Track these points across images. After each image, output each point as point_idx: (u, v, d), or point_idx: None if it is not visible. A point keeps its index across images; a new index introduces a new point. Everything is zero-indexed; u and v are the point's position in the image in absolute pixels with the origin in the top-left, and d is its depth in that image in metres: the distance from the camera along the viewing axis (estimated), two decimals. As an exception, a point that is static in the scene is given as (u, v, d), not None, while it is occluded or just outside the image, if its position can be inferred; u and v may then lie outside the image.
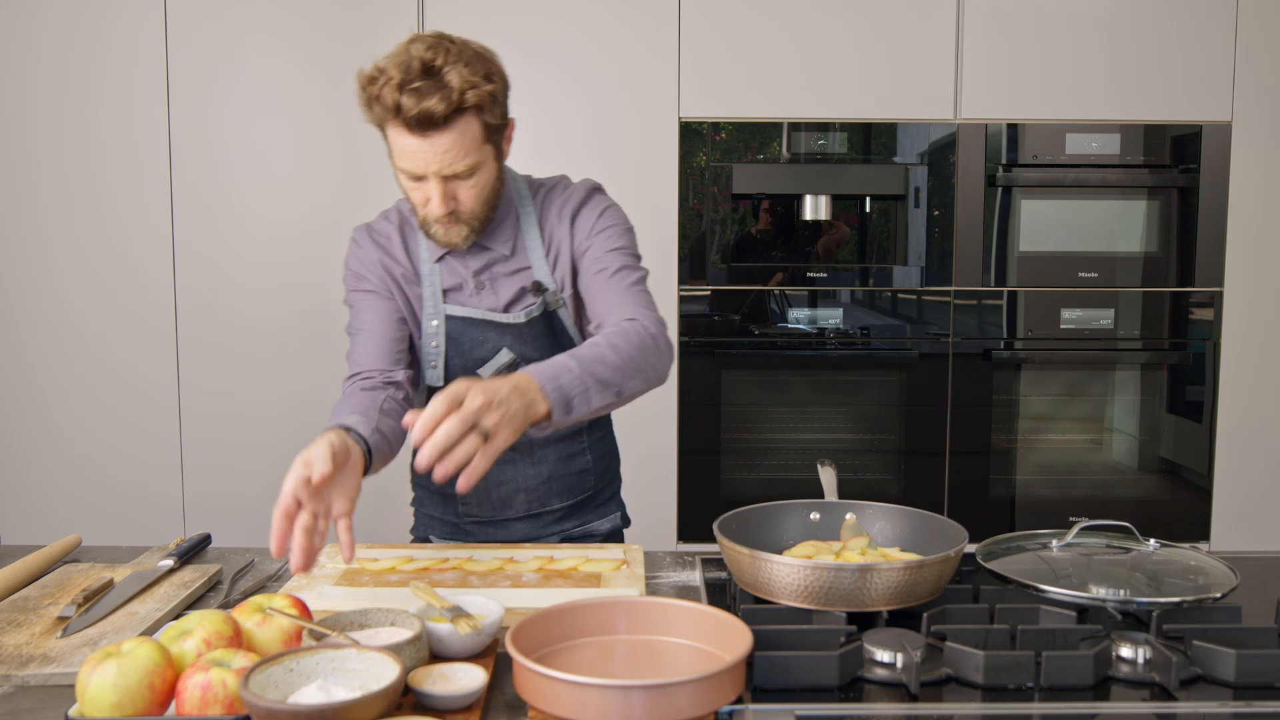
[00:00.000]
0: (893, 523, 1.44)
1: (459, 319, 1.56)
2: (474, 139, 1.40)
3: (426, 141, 1.37)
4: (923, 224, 2.81)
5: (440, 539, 1.71)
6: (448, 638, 1.13)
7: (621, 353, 1.36)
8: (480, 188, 1.45)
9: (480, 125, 1.40)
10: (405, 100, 1.34)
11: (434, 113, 1.35)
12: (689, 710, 0.98)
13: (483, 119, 1.40)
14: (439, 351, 1.57)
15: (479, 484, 1.42)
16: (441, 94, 1.34)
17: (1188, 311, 2.85)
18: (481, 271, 1.56)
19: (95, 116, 2.73)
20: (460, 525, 1.68)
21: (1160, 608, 1.20)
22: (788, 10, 2.75)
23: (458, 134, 1.38)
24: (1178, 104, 2.79)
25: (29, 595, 1.36)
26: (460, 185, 1.43)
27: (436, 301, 1.56)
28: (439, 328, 1.56)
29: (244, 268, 2.76)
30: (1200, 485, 2.89)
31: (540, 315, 1.56)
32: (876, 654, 1.14)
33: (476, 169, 1.43)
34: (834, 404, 2.90)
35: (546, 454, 1.64)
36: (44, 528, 2.78)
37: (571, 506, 1.68)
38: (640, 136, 2.76)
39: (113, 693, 0.96)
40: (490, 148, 1.45)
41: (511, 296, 1.56)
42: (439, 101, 1.34)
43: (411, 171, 1.42)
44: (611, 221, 1.57)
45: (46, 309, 2.78)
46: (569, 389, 1.27)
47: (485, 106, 1.39)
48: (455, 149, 1.39)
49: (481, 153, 1.42)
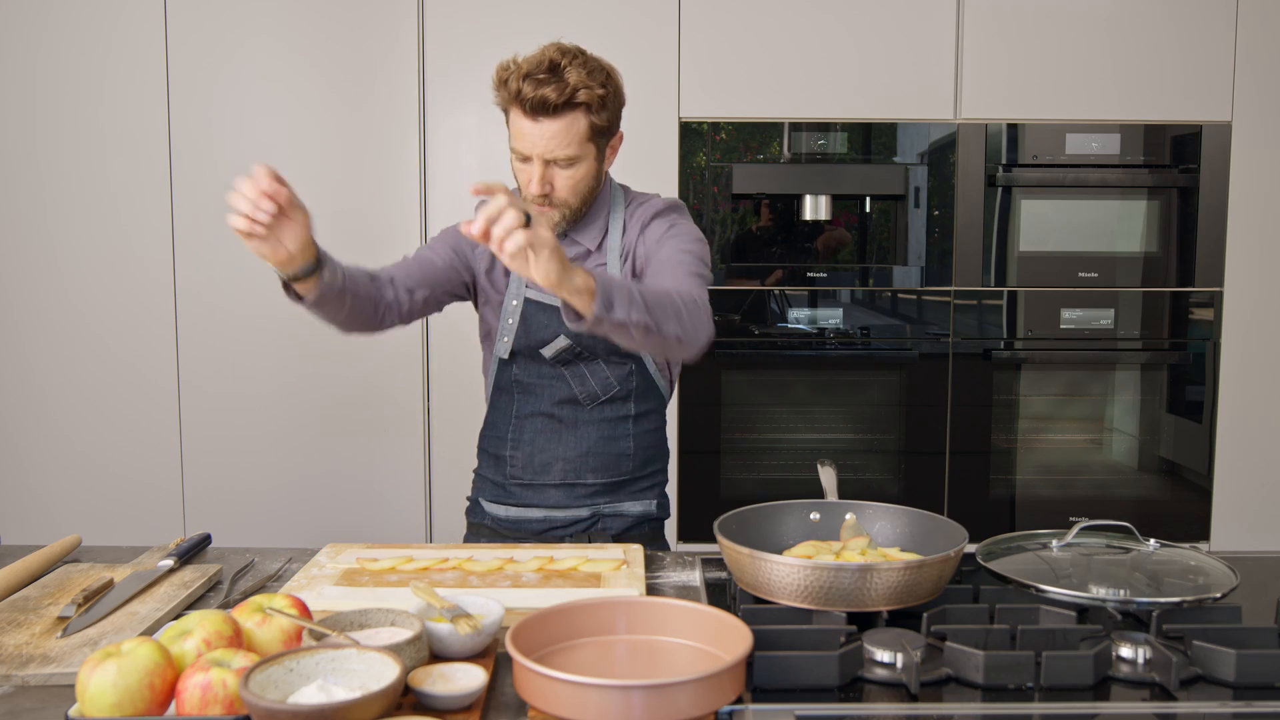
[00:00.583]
0: (893, 523, 1.44)
1: (535, 303, 1.71)
2: (579, 133, 1.57)
3: (537, 126, 1.56)
4: (923, 224, 2.81)
5: (488, 500, 1.83)
6: (448, 638, 1.13)
7: (666, 294, 1.44)
8: (576, 180, 1.61)
9: (587, 123, 1.58)
10: (526, 87, 1.54)
11: (548, 99, 1.53)
12: (689, 710, 0.98)
13: (590, 118, 1.58)
14: (512, 328, 1.73)
15: (526, 448, 1.74)
16: (557, 85, 1.53)
17: (1188, 311, 2.85)
18: None
19: (95, 116, 2.74)
20: (506, 486, 1.80)
21: (1160, 608, 1.20)
22: (788, 10, 2.75)
23: (565, 124, 1.56)
24: (1178, 104, 2.79)
25: (29, 595, 1.36)
26: (559, 173, 1.60)
27: (520, 284, 1.72)
28: (518, 307, 1.72)
29: (244, 268, 2.76)
30: (1200, 485, 2.89)
31: None
32: (876, 654, 1.14)
33: (576, 161, 1.59)
34: (834, 404, 2.90)
35: (589, 430, 1.77)
36: (44, 528, 2.78)
37: (606, 485, 1.78)
38: (640, 136, 2.76)
39: (113, 693, 0.96)
40: (593, 146, 1.61)
41: None
42: (554, 90, 1.53)
43: (521, 152, 1.59)
44: (683, 232, 1.69)
45: (46, 309, 2.78)
46: (610, 285, 1.35)
47: (594, 106, 1.57)
48: (560, 137, 1.56)
49: (583, 148, 1.59)
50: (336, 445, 2.82)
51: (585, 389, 1.75)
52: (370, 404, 2.81)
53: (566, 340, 1.70)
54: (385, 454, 2.81)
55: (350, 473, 2.83)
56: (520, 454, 1.79)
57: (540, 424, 1.77)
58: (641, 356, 1.76)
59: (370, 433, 2.81)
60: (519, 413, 1.78)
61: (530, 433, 1.78)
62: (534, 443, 1.77)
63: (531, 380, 1.76)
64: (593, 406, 1.76)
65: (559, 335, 1.70)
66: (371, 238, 2.74)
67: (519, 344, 1.73)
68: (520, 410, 1.78)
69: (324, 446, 2.82)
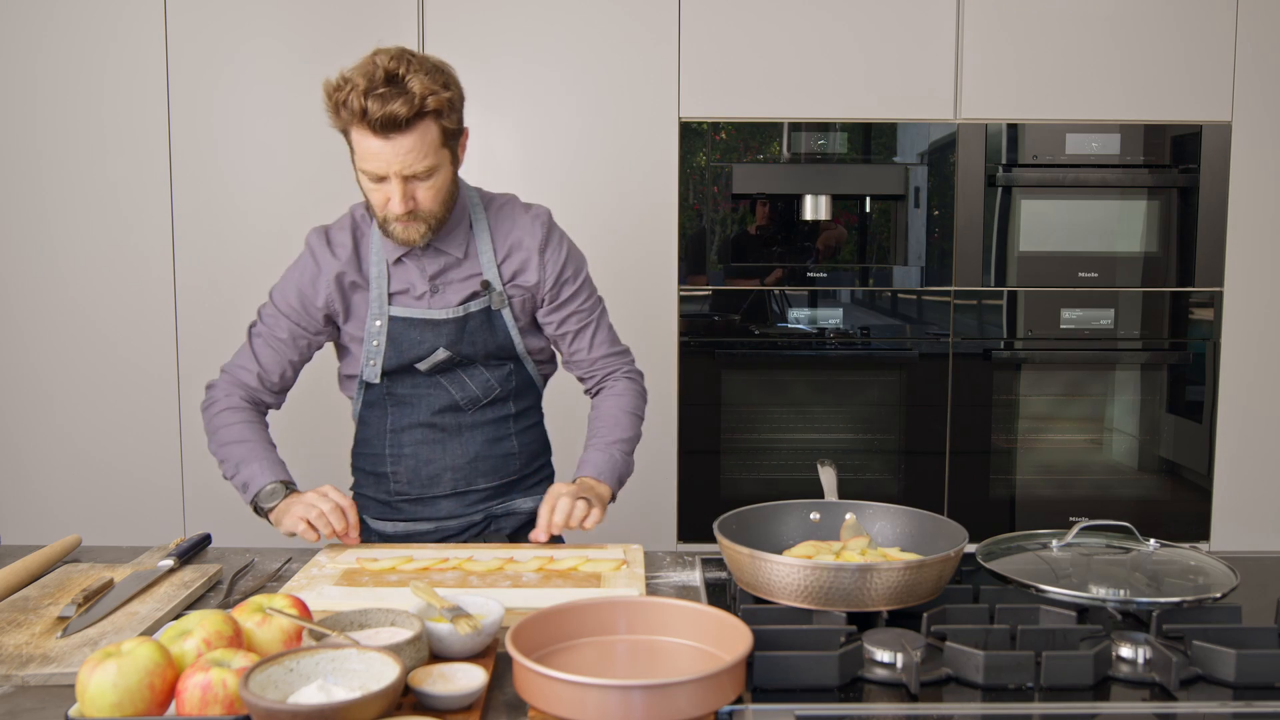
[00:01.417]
0: (893, 523, 1.44)
1: (401, 319, 1.66)
2: (433, 142, 1.51)
3: (389, 143, 1.48)
4: (923, 224, 2.81)
5: (373, 518, 1.79)
6: (448, 638, 1.13)
7: (639, 417, 1.78)
8: (438, 189, 1.56)
9: (439, 129, 1.52)
10: (371, 105, 1.45)
11: (398, 115, 1.46)
12: (689, 710, 0.98)
13: (441, 124, 1.51)
14: (379, 350, 1.67)
15: (409, 462, 1.72)
16: (404, 99, 1.46)
17: (1188, 311, 2.85)
18: (437, 275, 1.66)
19: (96, 115, 2.73)
20: (392, 503, 1.77)
21: (1160, 608, 1.20)
22: (788, 10, 2.75)
23: (418, 136, 1.49)
24: (1178, 104, 2.79)
25: (29, 595, 1.36)
26: (419, 185, 1.54)
27: (382, 303, 1.66)
28: (382, 327, 1.67)
29: (244, 265, 2.76)
30: (1200, 485, 2.89)
31: (481, 312, 1.67)
32: (876, 654, 1.14)
33: (435, 170, 1.53)
34: (834, 404, 2.90)
35: (474, 436, 1.74)
36: (44, 528, 2.78)
37: (497, 488, 1.77)
38: (640, 136, 2.76)
39: (113, 693, 0.96)
40: (447, 152, 1.55)
41: (462, 298, 1.67)
42: (402, 105, 1.45)
43: (374, 172, 1.52)
44: (577, 260, 1.74)
45: (47, 307, 2.78)
46: (624, 474, 1.72)
47: (444, 111, 1.51)
48: (416, 150, 1.49)
49: (439, 156, 1.53)
50: (336, 446, 2.81)
51: (466, 393, 1.71)
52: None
53: (446, 353, 1.67)
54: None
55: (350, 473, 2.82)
56: (403, 468, 1.73)
57: (421, 435, 1.72)
58: (521, 357, 1.74)
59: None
60: (394, 426, 1.73)
61: (411, 445, 1.73)
62: (417, 455, 1.73)
63: (405, 392, 1.71)
64: (474, 411, 1.72)
65: (436, 349, 1.66)
66: (371, 238, 2.74)
67: (389, 363, 1.67)
68: (396, 424, 1.73)
69: (324, 447, 2.82)
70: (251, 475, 1.60)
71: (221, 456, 1.65)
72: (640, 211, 2.75)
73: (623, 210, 2.76)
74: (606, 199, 2.76)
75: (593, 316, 1.76)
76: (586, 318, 1.75)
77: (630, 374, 1.81)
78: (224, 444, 1.65)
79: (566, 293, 1.72)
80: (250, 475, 1.60)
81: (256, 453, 1.63)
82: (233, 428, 1.66)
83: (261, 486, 1.59)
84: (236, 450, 1.64)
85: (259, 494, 1.58)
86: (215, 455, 1.67)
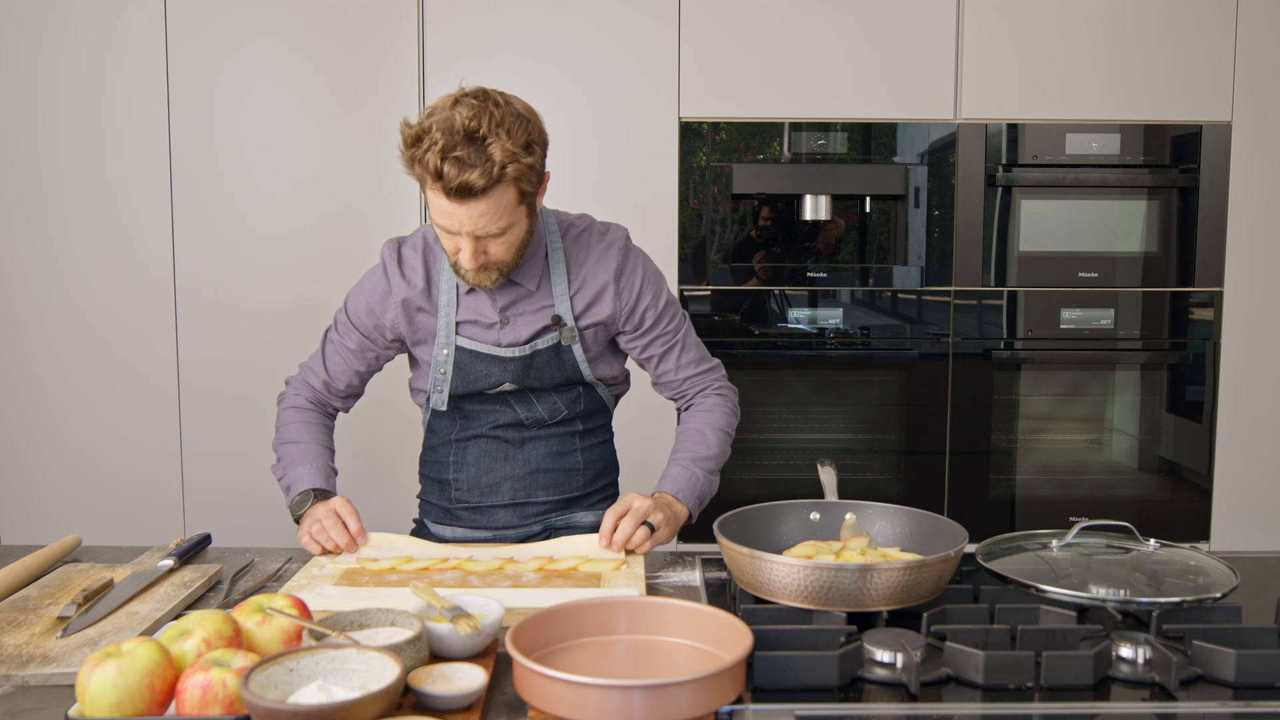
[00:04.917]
0: (893, 523, 1.44)
1: (466, 351, 1.64)
2: (508, 204, 1.44)
3: (463, 207, 1.41)
4: (923, 224, 2.81)
5: (434, 523, 1.79)
6: (448, 638, 1.13)
7: (728, 435, 1.73)
8: (511, 243, 1.51)
9: (516, 192, 1.44)
10: (448, 169, 1.38)
11: (474, 186, 1.39)
12: (689, 710, 0.98)
13: (520, 187, 1.44)
14: (446, 378, 1.66)
15: (470, 470, 1.71)
16: (483, 168, 1.38)
17: (1188, 311, 2.85)
18: (508, 308, 1.63)
19: (96, 115, 2.73)
20: (451, 510, 1.76)
21: (1160, 608, 1.20)
22: (788, 10, 2.75)
23: (493, 201, 1.42)
24: (1178, 104, 2.79)
25: (29, 595, 1.36)
26: (492, 242, 1.48)
27: (450, 332, 1.63)
28: (449, 357, 1.64)
29: (244, 267, 2.76)
30: (1200, 485, 2.89)
31: (550, 348, 1.64)
32: (876, 654, 1.14)
33: (508, 229, 1.47)
34: (834, 404, 2.90)
35: (537, 448, 1.72)
36: (44, 528, 2.78)
37: (558, 502, 1.75)
38: (640, 136, 2.76)
39: (113, 693, 0.96)
40: (524, 208, 1.49)
41: (531, 333, 1.63)
42: (479, 176, 1.38)
43: (446, 228, 1.46)
44: (655, 283, 1.68)
45: (46, 308, 2.78)
46: (705, 494, 1.67)
47: (523, 177, 1.43)
48: (489, 214, 1.43)
49: (514, 215, 1.47)
50: (336, 446, 2.81)
51: (532, 414, 1.70)
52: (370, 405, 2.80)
53: (512, 385, 1.66)
54: (385, 455, 2.81)
55: (349, 474, 2.82)
56: (464, 476, 1.73)
57: (485, 445, 1.72)
58: (591, 383, 1.72)
59: (369, 435, 2.81)
60: (459, 435, 1.73)
61: (474, 454, 1.72)
62: (479, 463, 1.72)
63: (473, 408, 1.70)
64: (539, 426, 1.71)
65: (503, 381, 1.65)
66: (371, 238, 2.73)
67: (456, 390, 1.66)
68: (461, 433, 1.72)
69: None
70: (294, 479, 1.62)
71: (278, 455, 1.67)
72: (640, 211, 2.75)
73: (623, 210, 2.76)
74: (606, 199, 2.75)
75: (677, 337, 1.71)
76: (671, 340, 1.71)
77: (721, 390, 1.76)
78: (281, 442, 1.68)
79: (649, 320, 1.67)
80: (293, 479, 1.62)
81: (306, 455, 1.64)
82: (291, 427, 1.68)
83: (296, 493, 1.60)
84: (289, 451, 1.66)
85: (290, 502, 1.60)
86: (275, 452, 1.69)
